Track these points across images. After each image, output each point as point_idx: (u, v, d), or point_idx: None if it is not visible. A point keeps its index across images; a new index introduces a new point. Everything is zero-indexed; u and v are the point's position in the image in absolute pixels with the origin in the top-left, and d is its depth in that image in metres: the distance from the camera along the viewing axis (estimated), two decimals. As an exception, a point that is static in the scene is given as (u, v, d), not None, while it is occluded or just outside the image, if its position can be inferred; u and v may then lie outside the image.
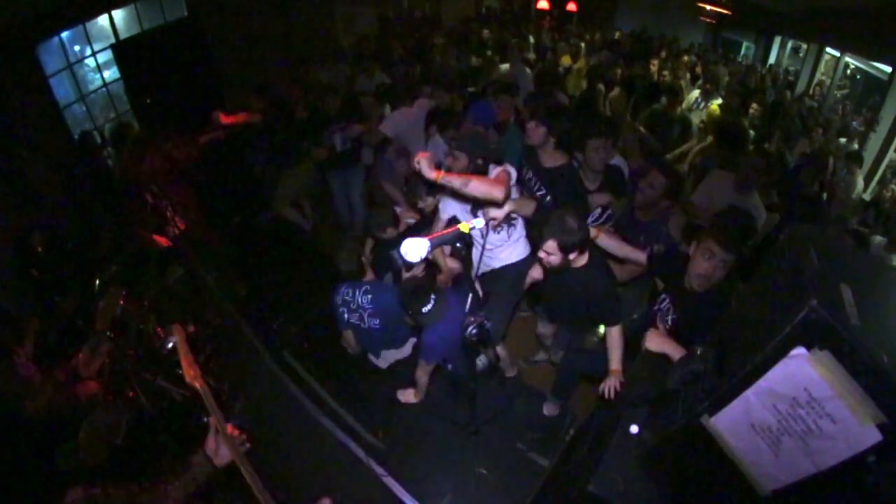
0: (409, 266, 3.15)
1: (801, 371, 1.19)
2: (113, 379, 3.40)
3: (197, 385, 1.85)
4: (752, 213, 3.44)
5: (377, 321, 3.37)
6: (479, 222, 2.10)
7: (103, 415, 3.38)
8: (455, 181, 2.69)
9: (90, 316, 3.96)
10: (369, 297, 3.35)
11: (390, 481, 3.27)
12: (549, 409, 3.61)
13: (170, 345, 2.23)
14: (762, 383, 1.29)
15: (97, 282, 4.26)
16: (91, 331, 3.78)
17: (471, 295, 2.32)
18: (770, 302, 1.37)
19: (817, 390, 1.18)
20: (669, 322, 2.66)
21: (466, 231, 1.98)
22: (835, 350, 1.11)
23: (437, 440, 3.49)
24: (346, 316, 3.43)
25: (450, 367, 3.40)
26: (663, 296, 2.76)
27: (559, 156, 3.45)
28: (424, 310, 2.87)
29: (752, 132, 5.74)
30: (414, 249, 1.89)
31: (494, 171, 3.07)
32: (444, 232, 2.04)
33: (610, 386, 2.62)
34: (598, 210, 3.57)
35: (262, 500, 1.71)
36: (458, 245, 2.04)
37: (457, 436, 3.41)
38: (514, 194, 3.28)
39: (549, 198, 3.44)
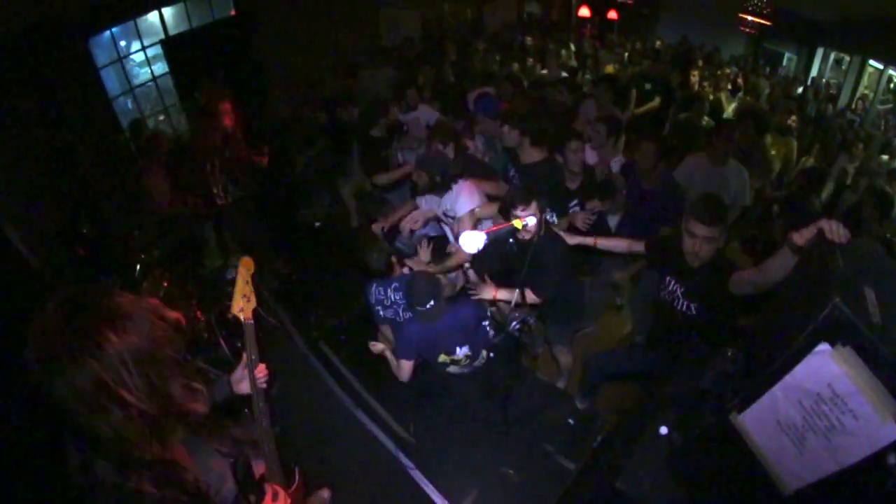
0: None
1: (824, 366, 1.30)
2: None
3: (242, 317, 2.05)
4: (732, 181, 4.03)
5: (410, 314, 3.55)
6: (532, 220, 2.27)
7: None
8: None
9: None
10: (401, 293, 3.54)
11: (417, 474, 3.38)
12: (580, 403, 3.75)
13: (230, 275, 2.35)
14: (788, 379, 1.41)
15: (138, 265, 4.56)
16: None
17: (517, 291, 2.47)
18: (797, 303, 1.48)
19: (840, 385, 1.29)
20: (683, 304, 2.80)
21: (519, 227, 2.17)
22: (856, 346, 1.22)
23: (467, 438, 3.61)
24: (381, 312, 3.62)
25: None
26: (668, 278, 2.90)
27: (536, 152, 3.91)
28: (421, 308, 3.05)
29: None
30: (471, 241, 2.09)
31: (458, 185, 3.55)
32: (499, 227, 2.23)
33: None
34: (575, 201, 3.87)
35: (266, 446, 1.99)
36: (510, 240, 2.22)
37: (486, 434, 3.55)
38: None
39: None
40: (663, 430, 2.22)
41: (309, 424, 3.74)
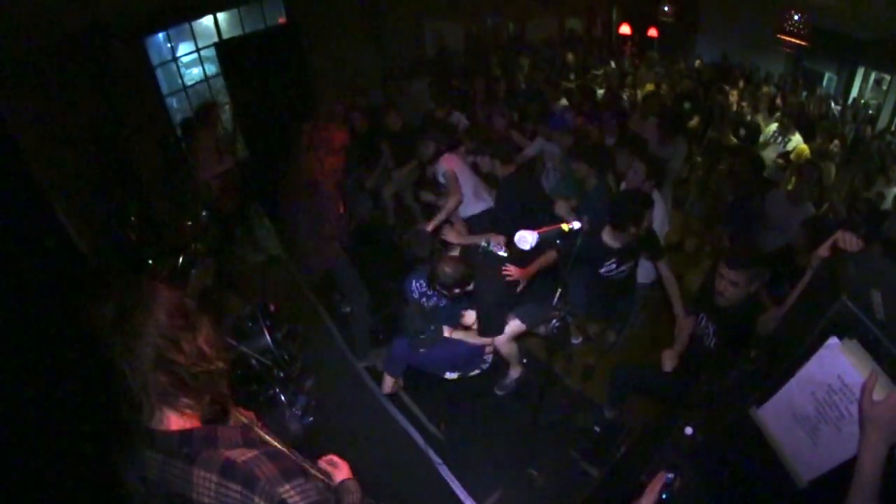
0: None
1: (834, 359, 1.50)
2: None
3: None
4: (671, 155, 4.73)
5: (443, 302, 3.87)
6: (577, 224, 2.52)
7: None
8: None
9: (178, 283, 4.54)
10: None
11: (445, 470, 3.62)
12: (608, 412, 3.91)
13: None
14: (802, 372, 1.61)
15: (181, 257, 4.86)
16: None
17: (559, 290, 2.71)
18: (811, 305, 1.68)
19: (848, 376, 1.49)
20: (712, 342, 2.96)
21: (566, 230, 2.43)
22: (862, 339, 1.42)
23: (495, 438, 3.83)
24: (424, 303, 3.90)
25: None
26: (701, 315, 3.07)
27: (506, 167, 4.51)
28: (420, 335, 3.36)
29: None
30: (524, 240, 2.36)
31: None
32: (548, 229, 2.47)
33: None
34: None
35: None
36: (557, 241, 2.48)
37: (514, 436, 3.76)
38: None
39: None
40: (688, 430, 2.40)
41: (341, 417, 3.99)
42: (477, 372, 3.78)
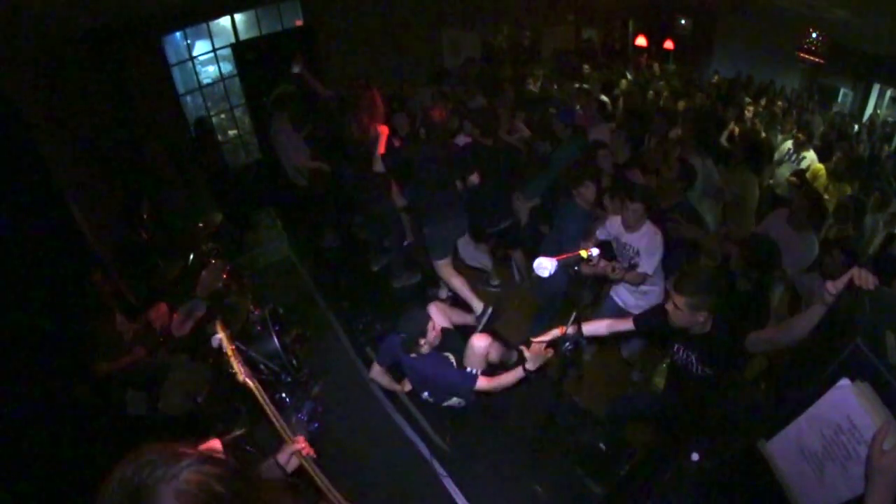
0: None
1: (844, 399, 1.53)
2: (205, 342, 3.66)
3: (250, 384, 2.05)
4: (799, 250, 4.02)
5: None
6: (595, 252, 2.60)
7: (191, 370, 3.92)
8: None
9: (188, 283, 4.61)
10: None
11: (449, 483, 3.65)
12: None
13: (216, 343, 2.37)
14: (812, 409, 1.64)
15: (191, 255, 4.96)
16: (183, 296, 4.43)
17: (575, 313, 2.77)
18: (824, 341, 1.72)
19: (858, 418, 1.52)
20: (698, 368, 2.84)
21: (584, 256, 2.52)
22: (874, 383, 1.45)
23: (501, 453, 3.85)
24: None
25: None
26: (677, 346, 2.96)
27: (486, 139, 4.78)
28: (405, 335, 3.35)
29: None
30: (543, 267, 2.45)
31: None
32: (567, 255, 2.55)
33: None
34: None
35: (331, 496, 1.99)
36: (576, 267, 2.56)
37: (519, 451, 3.79)
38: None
39: None
40: (695, 456, 2.44)
41: (347, 424, 4.04)
42: (451, 404, 3.74)
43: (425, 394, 3.67)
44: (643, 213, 3.66)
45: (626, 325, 3.18)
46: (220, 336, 2.23)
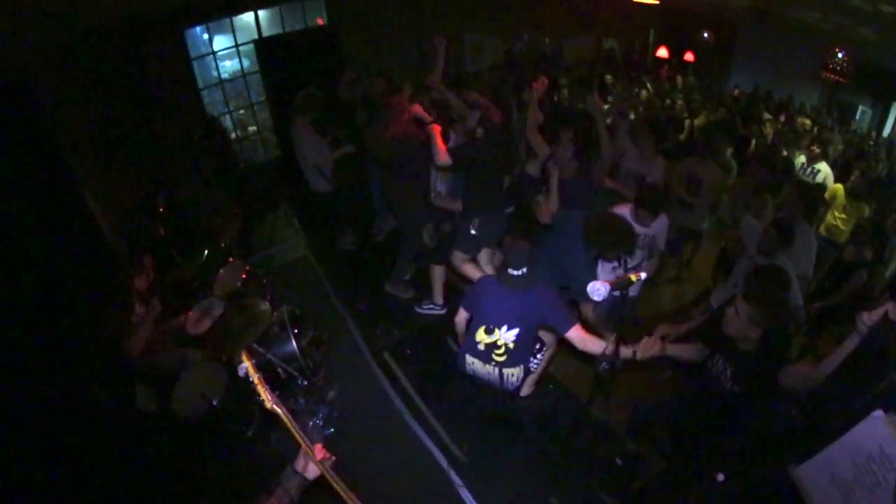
0: None
1: (877, 430, 1.61)
2: (224, 341, 3.71)
3: (279, 411, 2.03)
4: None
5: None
6: (643, 275, 2.73)
7: (207, 371, 3.83)
8: None
9: (203, 281, 4.68)
10: None
11: (465, 493, 3.68)
12: (630, 444, 3.95)
13: (242, 372, 2.40)
14: (845, 438, 1.72)
15: (206, 252, 4.98)
16: (200, 294, 4.44)
17: (615, 334, 2.88)
18: (858, 371, 1.80)
19: (889, 447, 1.60)
20: (730, 384, 2.87)
21: (634, 280, 2.65)
22: (907, 415, 1.54)
23: (518, 463, 3.89)
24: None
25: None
26: (718, 356, 3.00)
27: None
28: (514, 272, 3.25)
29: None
30: (598, 292, 2.61)
31: None
32: (618, 280, 2.67)
33: None
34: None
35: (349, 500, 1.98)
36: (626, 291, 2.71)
37: (537, 463, 3.85)
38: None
39: None
40: (720, 476, 2.51)
41: (363, 430, 4.06)
42: (512, 376, 3.53)
43: (511, 332, 3.37)
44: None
45: (697, 352, 3.12)
46: (247, 364, 2.25)
